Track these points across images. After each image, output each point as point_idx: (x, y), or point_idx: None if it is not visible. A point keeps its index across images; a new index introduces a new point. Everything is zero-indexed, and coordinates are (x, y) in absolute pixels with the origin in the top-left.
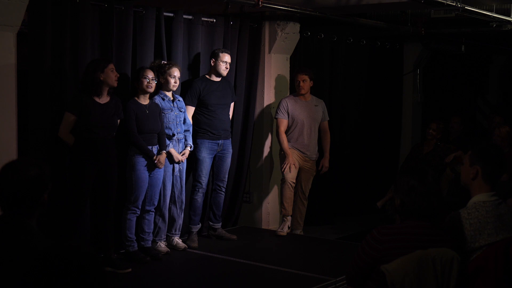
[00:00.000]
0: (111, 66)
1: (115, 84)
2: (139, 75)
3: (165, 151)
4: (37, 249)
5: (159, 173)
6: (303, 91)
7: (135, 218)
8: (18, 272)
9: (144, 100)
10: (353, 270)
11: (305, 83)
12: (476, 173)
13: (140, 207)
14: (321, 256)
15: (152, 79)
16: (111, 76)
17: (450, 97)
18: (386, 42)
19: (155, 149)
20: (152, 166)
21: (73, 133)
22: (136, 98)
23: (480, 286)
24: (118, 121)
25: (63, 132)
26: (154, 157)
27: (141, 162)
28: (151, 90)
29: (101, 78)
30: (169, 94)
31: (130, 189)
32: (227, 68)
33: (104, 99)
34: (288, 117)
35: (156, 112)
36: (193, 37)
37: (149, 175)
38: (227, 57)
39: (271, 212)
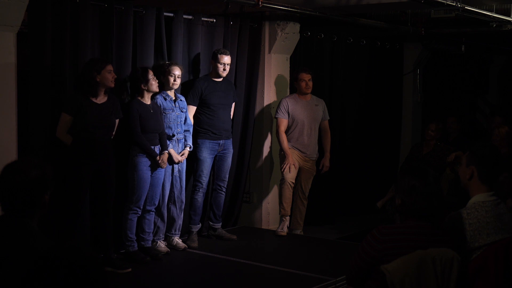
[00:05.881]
0: (109, 67)
1: (112, 85)
2: (145, 75)
3: (167, 151)
4: (37, 250)
5: (160, 173)
6: (309, 90)
7: (136, 218)
8: (19, 272)
9: (148, 100)
10: (353, 270)
11: (311, 82)
12: (472, 174)
13: (141, 207)
14: (321, 256)
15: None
16: (108, 77)
17: (450, 97)
18: (386, 42)
19: (157, 149)
20: (154, 166)
21: (71, 133)
22: (139, 98)
23: (480, 286)
24: (117, 121)
25: (60, 133)
26: (158, 157)
27: (144, 162)
28: (157, 89)
29: (97, 80)
30: (171, 93)
31: (132, 189)
32: (225, 70)
33: (101, 99)
34: (289, 116)
35: (158, 112)
36: (193, 37)
37: (150, 175)
38: (225, 59)
39: (271, 212)
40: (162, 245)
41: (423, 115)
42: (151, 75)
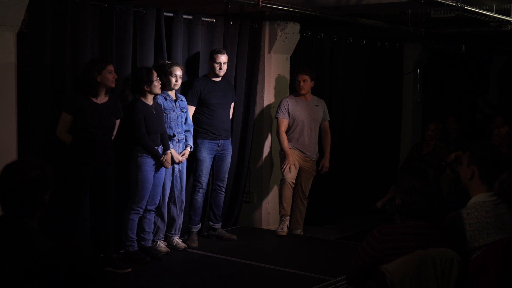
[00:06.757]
0: (110, 67)
1: (113, 85)
2: (149, 77)
3: (169, 151)
4: (37, 250)
5: (162, 173)
6: (303, 91)
7: (137, 218)
8: (19, 272)
9: (150, 101)
10: (353, 270)
11: (306, 83)
12: (473, 174)
13: (144, 207)
14: (321, 256)
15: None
16: (109, 77)
17: (450, 97)
18: (386, 42)
19: (159, 149)
20: (157, 166)
21: (71, 133)
22: (142, 99)
23: (480, 286)
24: (118, 121)
25: (60, 132)
26: (162, 158)
27: (148, 162)
28: (160, 91)
29: (98, 80)
30: (172, 94)
31: (135, 190)
32: (221, 69)
33: (101, 99)
34: (289, 117)
35: (160, 112)
36: (193, 37)
37: (153, 175)
38: (221, 58)
39: (271, 212)
40: (162, 245)
41: (423, 115)
42: (155, 77)
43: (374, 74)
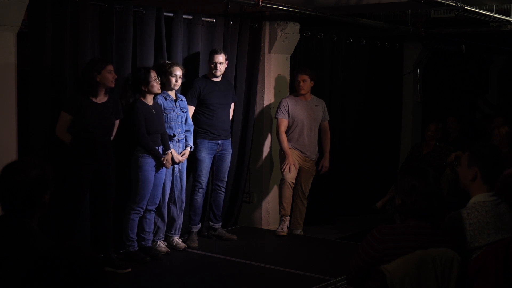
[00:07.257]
0: (109, 67)
1: (112, 85)
2: (146, 77)
3: (170, 151)
4: (38, 250)
5: (162, 173)
6: (303, 91)
7: (138, 218)
8: (19, 272)
9: (150, 101)
10: (353, 270)
11: (305, 83)
12: (475, 175)
13: (144, 208)
14: (321, 256)
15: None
16: (108, 77)
17: (450, 97)
18: (386, 42)
19: (160, 149)
20: (158, 166)
21: (70, 132)
22: (142, 99)
23: (480, 286)
24: (117, 121)
25: (59, 131)
26: (162, 158)
27: (149, 163)
28: (159, 91)
29: (98, 79)
30: (172, 94)
31: (136, 190)
32: (217, 69)
33: (101, 99)
34: (289, 117)
35: (160, 112)
36: (193, 37)
37: (154, 175)
38: (217, 58)
39: (271, 212)
40: (162, 245)
41: (423, 115)
42: (153, 77)
43: (374, 74)
